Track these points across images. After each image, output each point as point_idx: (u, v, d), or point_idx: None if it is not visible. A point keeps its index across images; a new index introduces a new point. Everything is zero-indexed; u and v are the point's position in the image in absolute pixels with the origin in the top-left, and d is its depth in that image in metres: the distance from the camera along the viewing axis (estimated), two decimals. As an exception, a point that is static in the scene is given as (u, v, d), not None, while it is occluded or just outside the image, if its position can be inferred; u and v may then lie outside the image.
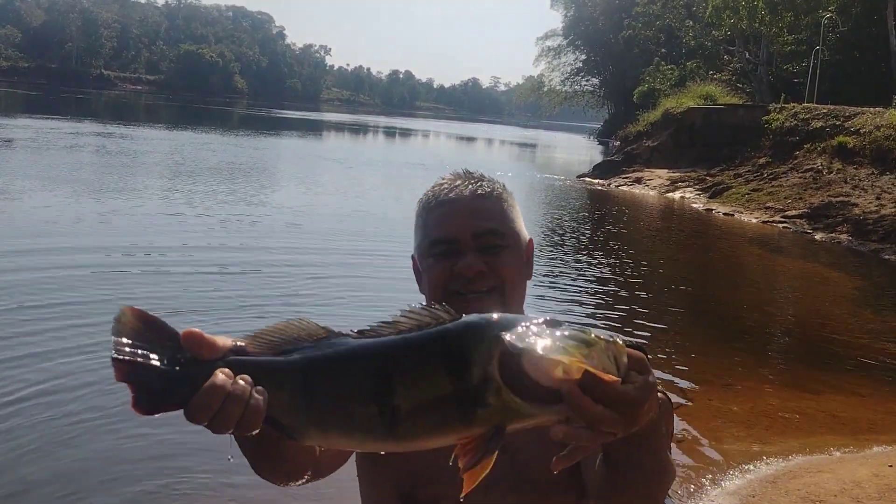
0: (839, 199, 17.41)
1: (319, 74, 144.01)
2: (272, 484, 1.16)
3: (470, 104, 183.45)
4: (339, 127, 59.99)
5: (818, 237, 16.04)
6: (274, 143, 34.11)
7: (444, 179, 1.32)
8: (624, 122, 36.91)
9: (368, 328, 0.86)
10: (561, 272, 10.60)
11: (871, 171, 18.41)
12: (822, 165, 19.64)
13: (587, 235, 14.91)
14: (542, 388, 0.78)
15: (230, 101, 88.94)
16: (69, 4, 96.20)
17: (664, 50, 46.33)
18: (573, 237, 14.51)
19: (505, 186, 1.34)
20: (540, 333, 0.79)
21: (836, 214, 16.71)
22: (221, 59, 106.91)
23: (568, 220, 17.39)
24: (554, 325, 0.81)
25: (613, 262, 11.89)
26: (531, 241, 1.35)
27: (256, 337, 0.87)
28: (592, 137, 62.63)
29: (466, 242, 1.23)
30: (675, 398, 4.94)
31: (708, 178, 22.34)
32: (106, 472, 4.22)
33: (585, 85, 64.30)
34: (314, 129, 51.38)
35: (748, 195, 19.84)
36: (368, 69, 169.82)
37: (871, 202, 16.76)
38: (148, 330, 0.83)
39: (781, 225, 17.29)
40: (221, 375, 0.83)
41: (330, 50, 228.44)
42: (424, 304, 0.85)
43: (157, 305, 7.12)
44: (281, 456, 1.04)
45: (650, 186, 23.63)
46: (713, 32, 35.60)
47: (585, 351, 0.79)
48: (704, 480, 4.59)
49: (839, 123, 20.73)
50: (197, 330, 0.85)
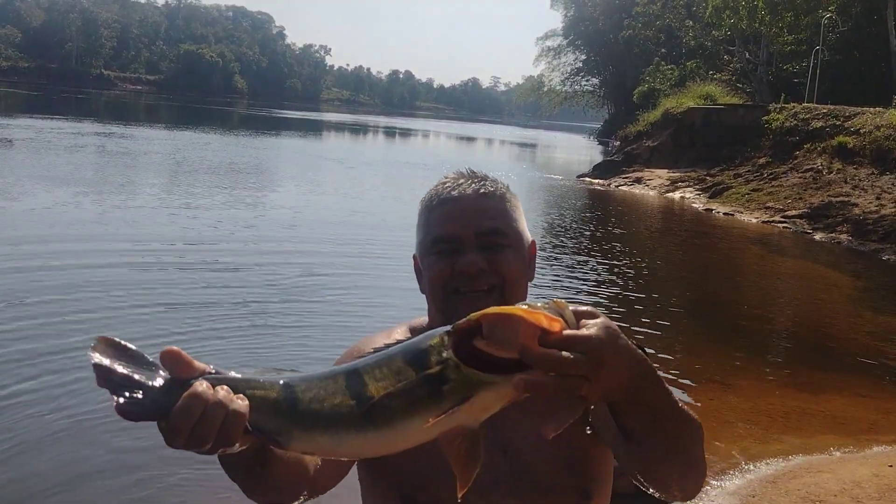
0: (839, 199, 17.41)
1: (319, 74, 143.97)
2: None
3: (470, 104, 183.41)
4: (339, 127, 59.96)
5: (818, 237, 16.04)
6: (274, 143, 34.11)
7: (447, 178, 1.31)
8: (624, 122, 36.90)
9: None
10: (561, 272, 10.60)
11: (871, 171, 18.41)
12: (822, 165, 19.64)
13: (587, 235, 14.91)
14: (499, 359, 0.82)
15: (230, 101, 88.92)
16: (69, 4, 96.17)
17: (664, 50, 46.31)
18: (573, 237, 14.52)
19: (509, 187, 1.34)
20: (486, 313, 0.84)
21: (836, 214, 16.71)
22: (221, 59, 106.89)
23: (568, 220, 17.39)
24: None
25: (613, 262, 11.89)
26: (534, 242, 1.35)
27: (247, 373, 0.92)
28: (592, 137, 62.61)
29: (468, 240, 1.23)
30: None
31: (708, 178, 22.34)
32: (105, 472, 4.22)
33: (585, 85, 64.29)
34: (314, 129, 51.37)
35: (748, 195, 19.84)
36: (368, 69, 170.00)
37: (871, 202, 16.76)
38: (126, 353, 0.88)
39: (781, 225, 17.29)
40: (202, 384, 0.85)
41: (330, 50, 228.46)
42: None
43: (157, 304, 7.13)
44: (271, 476, 1.02)
45: (650, 186, 23.63)
46: (713, 32, 35.58)
47: (533, 306, 0.84)
48: (704, 480, 4.59)
49: (839, 123, 20.73)
50: (176, 348, 0.87)
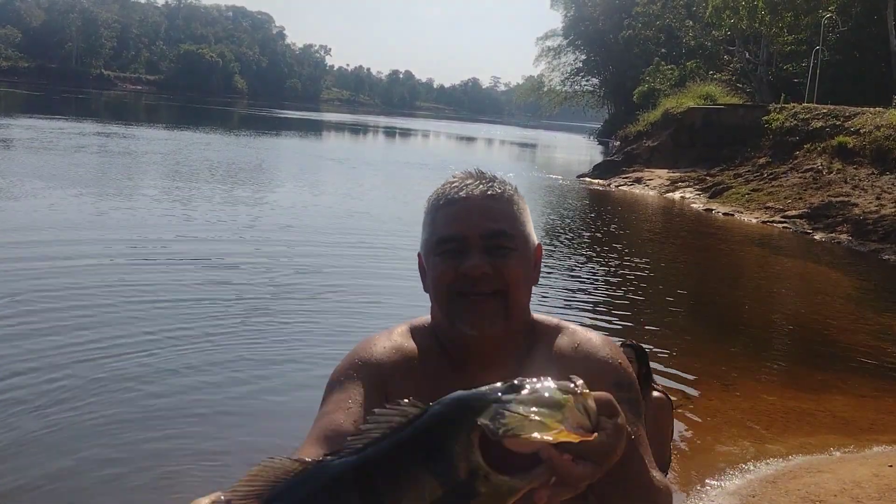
0: (839, 199, 17.42)
1: (319, 74, 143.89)
2: None
3: (470, 104, 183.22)
4: (339, 127, 59.96)
5: (818, 237, 16.05)
6: (274, 143, 34.11)
7: (455, 178, 1.30)
8: (624, 122, 36.90)
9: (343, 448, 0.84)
10: (561, 273, 10.60)
11: (871, 171, 18.41)
12: (822, 165, 19.65)
13: (587, 236, 14.91)
14: (524, 458, 0.79)
15: (230, 101, 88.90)
16: (69, 4, 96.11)
17: (664, 50, 46.31)
18: (573, 237, 14.52)
19: (517, 189, 1.32)
20: (513, 407, 0.79)
21: (836, 214, 16.71)
22: (221, 59, 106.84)
23: (568, 220, 17.39)
24: (518, 388, 0.81)
25: (613, 262, 11.90)
26: (539, 246, 1.33)
27: (235, 490, 0.85)
28: (592, 137, 62.62)
29: (474, 242, 1.21)
30: (675, 398, 4.95)
31: (708, 178, 22.34)
32: (104, 471, 4.23)
33: (585, 85, 64.27)
34: (314, 129, 51.37)
35: (748, 195, 19.84)
36: (368, 69, 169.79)
37: (871, 202, 16.76)
38: None
39: (781, 225, 17.29)
40: None
41: (330, 50, 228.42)
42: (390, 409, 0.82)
43: (157, 303, 7.14)
44: None
45: (650, 186, 23.63)
46: (713, 32, 35.59)
47: (559, 416, 0.80)
48: (704, 480, 4.60)
49: (839, 123, 20.73)
50: None
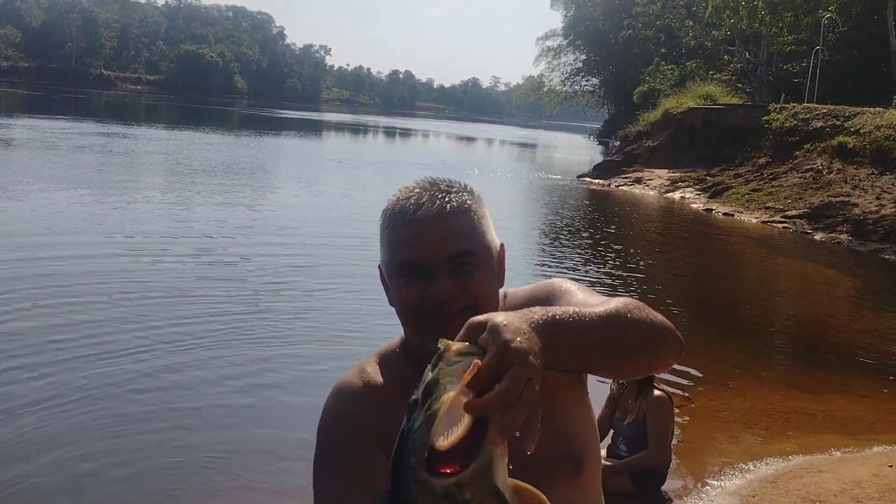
0: (839, 199, 17.41)
1: (319, 74, 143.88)
2: None
3: (470, 104, 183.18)
4: (339, 127, 59.97)
5: (818, 237, 16.05)
6: (275, 143, 34.11)
7: (409, 190, 1.23)
8: (624, 122, 36.88)
9: None
10: (561, 273, 10.60)
11: (871, 171, 18.41)
12: (822, 165, 19.64)
13: (587, 236, 14.92)
14: (471, 438, 0.79)
15: (230, 101, 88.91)
16: (69, 4, 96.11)
17: (664, 50, 46.29)
18: (573, 237, 14.53)
19: (472, 191, 1.27)
20: (417, 425, 0.80)
21: (836, 214, 16.71)
22: (221, 59, 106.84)
23: (568, 220, 17.40)
24: (410, 410, 0.82)
25: (613, 262, 11.90)
26: (502, 246, 1.30)
27: None
28: (592, 137, 62.61)
29: (438, 265, 1.18)
30: (675, 398, 4.95)
31: (708, 178, 22.33)
32: (106, 473, 4.23)
33: (585, 85, 64.26)
34: (314, 129, 51.37)
35: (748, 195, 19.84)
36: (368, 69, 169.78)
37: (871, 202, 16.76)
38: None
39: (781, 225, 17.29)
40: None
41: (330, 50, 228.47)
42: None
43: (158, 302, 7.14)
44: None
45: (650, 186, 23.63)
46: (713, 32, 35.57)
47: (440, 390, 0.80)
48: (704, 480, 4.60)
49: (839, 123, 20.72)
50: None
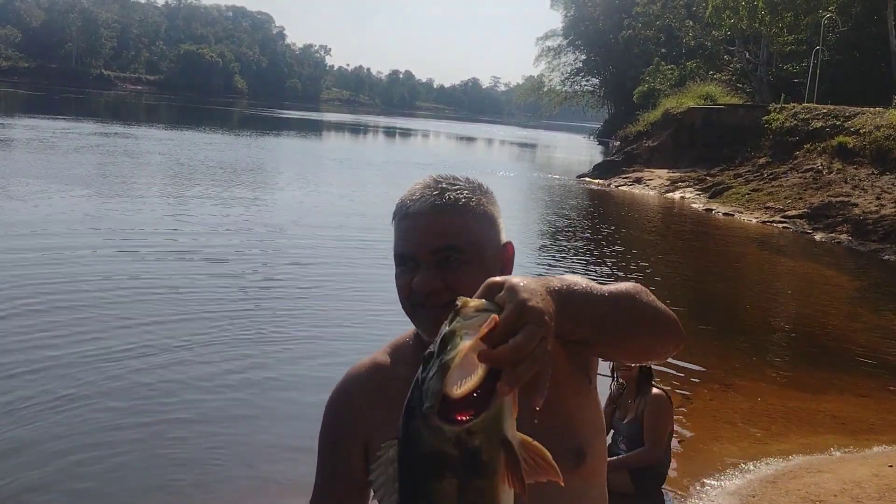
0: (839, 199, 17.41)
1: (319, 74, 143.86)
2: None
3: (470, 104, 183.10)
4: (339, 127, 59.99)
5: (818, 237, 16.04)
6: (275, 143, 34.12)
7: (415, 186, 1.29)
8: (624, 122, 36.89)
9: None
10: (560, 273, 10.60)
11: (871, 171, 18.41)
12: (822, 165, 19.64)
13: (587, 236, 14.91)
14: (483, 388, 0.80)
15: (230, 101, 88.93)
16: (69, 4, 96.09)
17: (664, 50, 46.30)
18: (572, 238, 14.52)
19: (481, 189, 1.29)
20: (432, 372, 0.81)
21: (836, 214, 16.71)
22: (221, 59, 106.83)
23: (568, 220, 17.40)
24: (427, 359, 0.83)
25: (613, 262, 11.90)
26: (509, 244, 1.31)
27: None
28: (592, 137, 62.63)
29: (424, 258, 1.23)
30: (675, 398, 4.95)
31: (708, 178, 22.33)
32: (104, 471, 4.23)
33: (585, 85, 64.29)
34: (314, 129, 51.38)
35: (748, 195, 19.84)
36: (368, 69, 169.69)
37: (871, 202, 16.76)
38: None
39: (781, 225, 17.29)
40: None
41: (330, 50, 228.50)
42: None
43: (158, 301, 7.14)
44: None
45: (650, 186, 23.63)
46: (713, 32, 35.57)
47: (457, 340, 0.82)
48: (704, 480, 4.60)
49: (839, 123, 20.72)
50: None
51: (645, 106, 32.89)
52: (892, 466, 4.74)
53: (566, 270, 10.78)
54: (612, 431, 4.45)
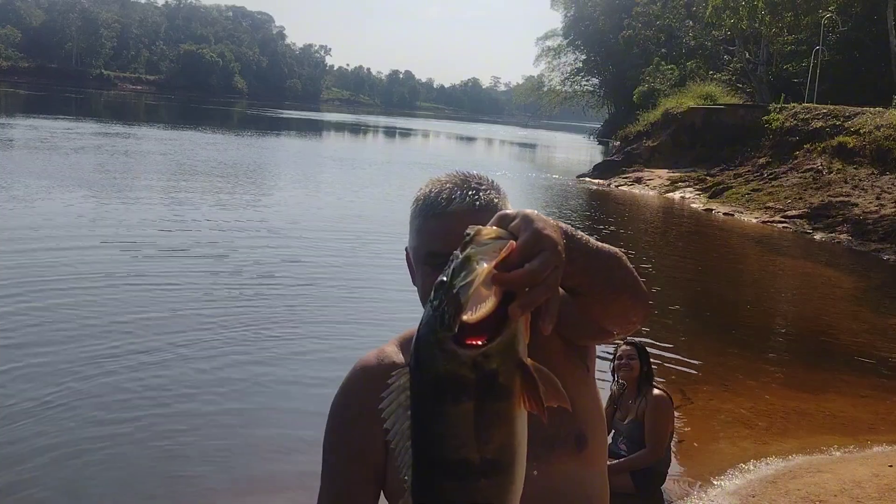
0: (839, 199, 17.41)
1: (319, 74, 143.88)
2: None
3: (470, 104, 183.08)
4: (339, 127, 59.97)
5: (818, 237, 16.04)
6: (275, 143, 34.13)
7: (442, 183, 1.29)
8: (624, 122, 36.89)
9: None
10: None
11: (871, 171, 18.41)
12: (822, 165, 19.64)
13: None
14: (498, 313, 0.82)
15: (230, 101, 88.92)
16: (69, 4, 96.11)
17: (664, 50, 46.28)
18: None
19: (499, 188, 1.32)
20: (447, 295, 0.82)
21: (836, 214, 16.71)
22: (221, 59, 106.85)
23: (567, 220, 17.33)
24: (438, 287, 0.84)
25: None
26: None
27: None
28: (592, 137, 62.61)
29: None
30: (675, 398, 4.95)
31: (708, 178, 22.33)
32: (105, 473, 4.24)
33: (585, 85, 64.30)
34: (314, 129, 51.37)
35: (748, 195, 19.84)
36: (368, 69, 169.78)
37: (871, 202, 16.76)
38: None
39: (781, 225, 17.29)
40: None
41: (330, 50, 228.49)
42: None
43: (161, 302, 7.14)
44: None
45: (650, 186, 23.62)
46: (713, 32, 35.57)
47: (473, 266, 0.83)
48: (704, 480, 4.60)
49: (839, 123, 20.72)
50: None
51: (645, 106, 32.88)
52: (892, 466, 4.74)
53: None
54: (612, 432, 4.45)
